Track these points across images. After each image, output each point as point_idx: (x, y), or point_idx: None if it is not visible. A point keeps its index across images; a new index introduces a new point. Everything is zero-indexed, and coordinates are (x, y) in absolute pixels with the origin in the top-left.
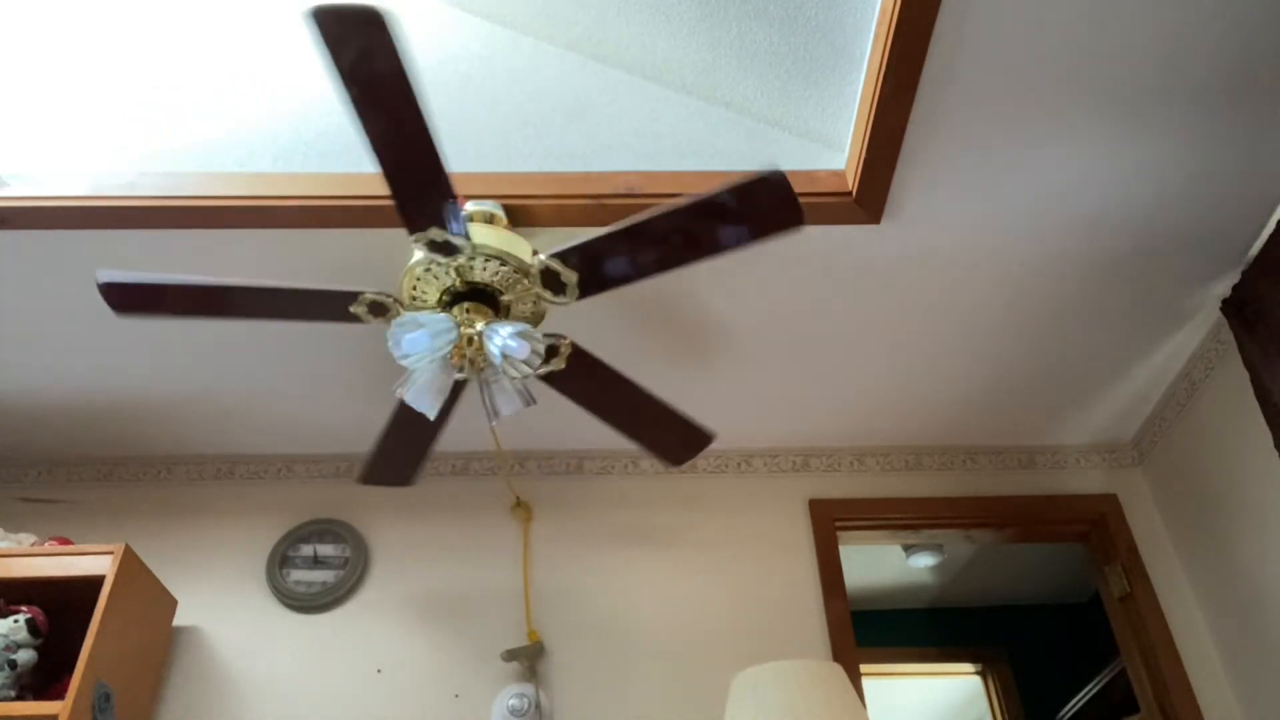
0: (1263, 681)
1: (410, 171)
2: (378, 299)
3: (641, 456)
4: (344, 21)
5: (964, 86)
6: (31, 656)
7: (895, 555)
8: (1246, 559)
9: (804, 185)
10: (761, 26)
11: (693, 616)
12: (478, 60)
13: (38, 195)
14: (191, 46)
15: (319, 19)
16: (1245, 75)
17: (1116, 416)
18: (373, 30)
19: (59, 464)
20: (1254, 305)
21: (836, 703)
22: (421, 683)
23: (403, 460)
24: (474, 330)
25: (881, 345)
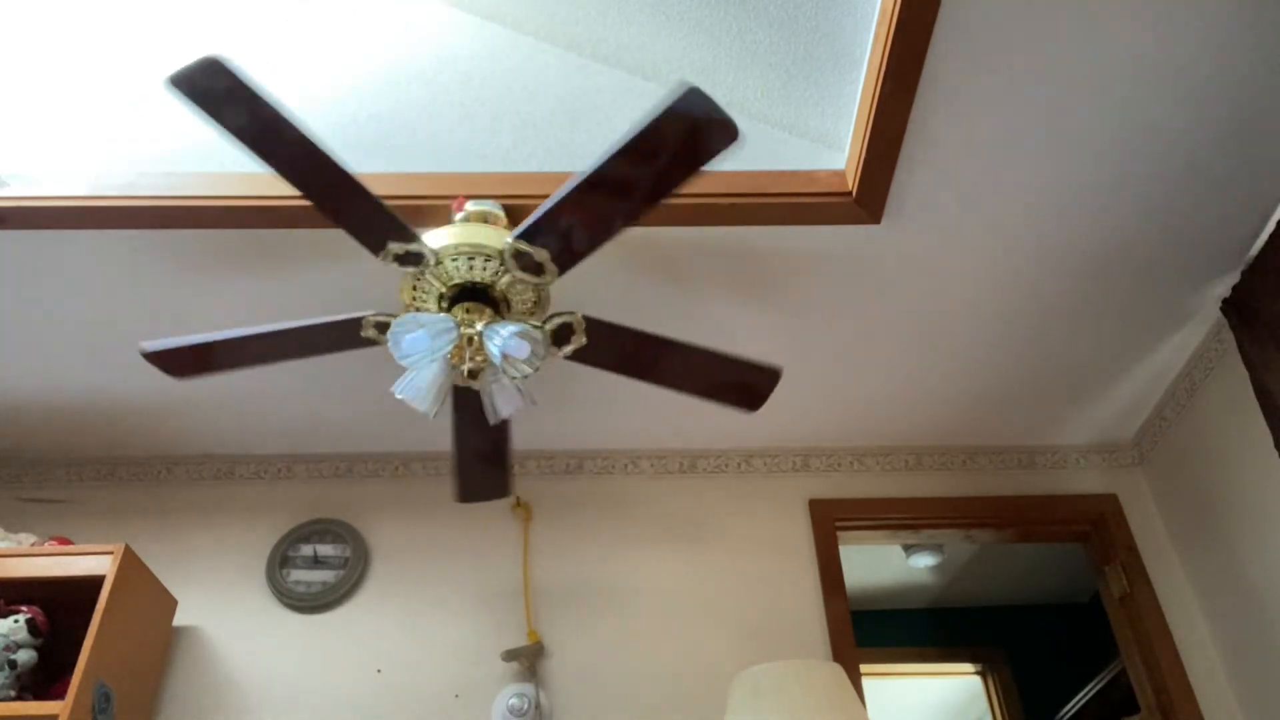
0: (1263, 681)
1: (336, 198)
2: (380, 320)
3: (641, 456)
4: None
5: (964, 86)
6: (31, 656)
7: (895, 555)
8: (1246, 559)
9: (804, 185)
10: (761, 26)
11: (693, 616)
12: (478, 60)
13: (38, 195)
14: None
15: (176, 85)
16: (1244, 73)
17: (1116, 416)
18: (218, 77)
19: (59, 464)
20: (1254, 305)
21: (836, 703)
22: (421, 683)
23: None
24: (474, 330)
25: (881, 345)
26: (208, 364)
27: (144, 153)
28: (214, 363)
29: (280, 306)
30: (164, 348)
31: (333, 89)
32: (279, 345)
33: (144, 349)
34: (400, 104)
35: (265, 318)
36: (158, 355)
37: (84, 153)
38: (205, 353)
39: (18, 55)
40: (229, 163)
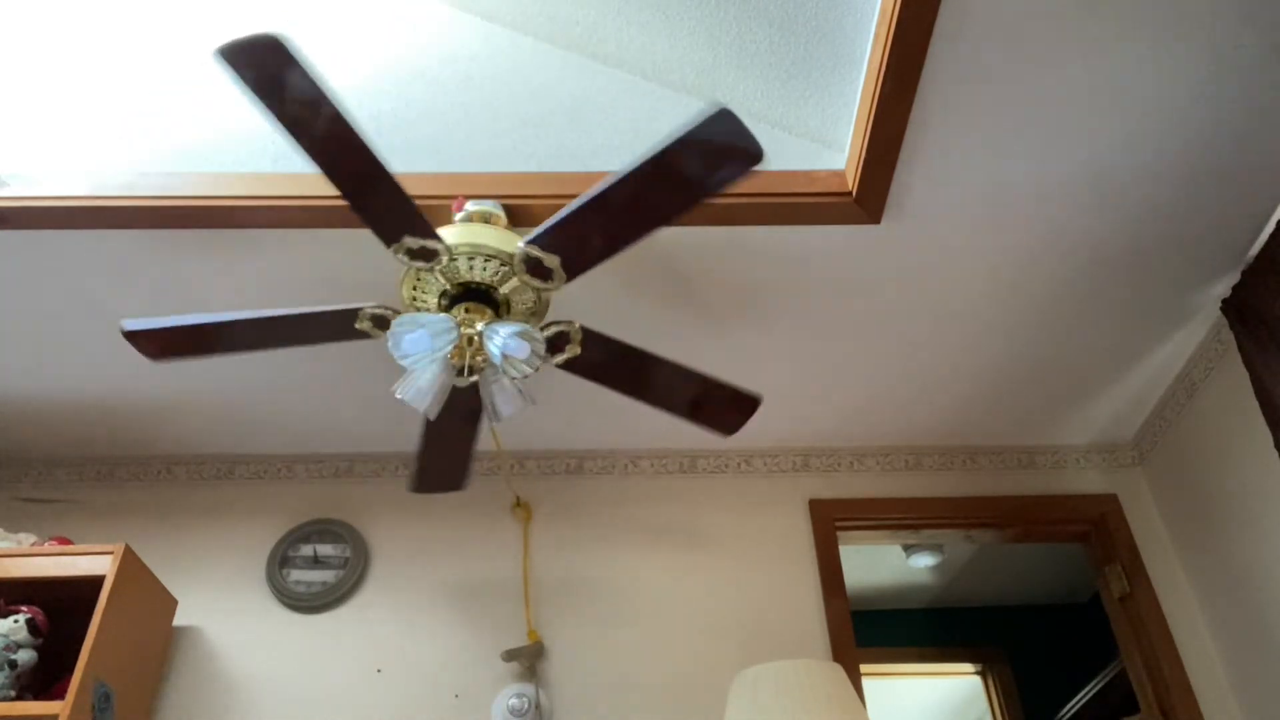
0: (1263, 681)
1: (363, 187)
2: (378, 312)
3: (641, 456)
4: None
5: (963, 87)
6: (31, 656)
7: (895, 555)
8: (1246, 559)
9: (804, 185)
10: (761, 26)
11: (693, 616)
12: (478, 60)
13: (38, 195)
14: (191, 47)
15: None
16: (1246, 74)
17: (1116, 416)
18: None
19: (59, 464)
20: (1254, 305)
21: (836, 703)
22: (421, 683)
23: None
24: (474, 330)
25: (882, 345)
26: (190, 347)
27: (144, 153)
28: (197, 346)
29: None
30: (145, 328)
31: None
32: (268, 332)
33: (124, 327)
34: (400, 104)
35: None
36: (137, 335)
37: (84, 153)
38: (188, 335)
39: (18, 55)
40: (229, 163)
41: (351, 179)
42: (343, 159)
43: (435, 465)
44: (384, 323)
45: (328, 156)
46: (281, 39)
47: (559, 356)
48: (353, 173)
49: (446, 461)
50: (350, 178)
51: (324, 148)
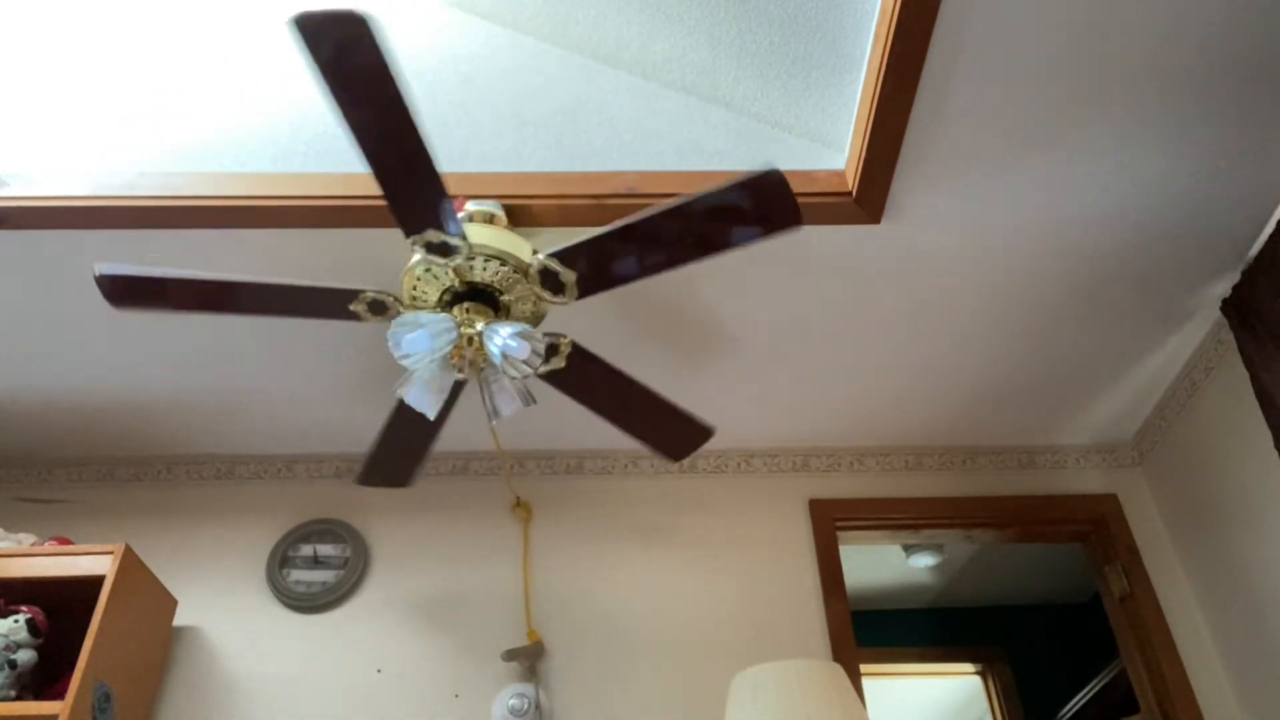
0: (1263, 681)
1: (403, 174)
2: (378, 298)
3: (641, 456)
4: (326, 26)
5: (964, 87)
6: (31, 656)
7: (895, 555)
8: (1246, 559)
9: (804, 185)
10: (761, 26)
11: (693, 616)
12: (478, 60)
13: (38, 195)
14: (191, 47)
15: (302, 26)
16: (1245, 76)
17: (1116, 416)
18: (355, 31)
19: (59, 464)
20: (1254, 305)
21: (836, 703)
22: (421, 683)
23: (401, 461)
24: (474, 330)
25: (881, 345)
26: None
27: (144, 153)
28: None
29: None
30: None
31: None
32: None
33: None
34: None
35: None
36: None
37: (84, 153)
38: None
39: (18, 55)
40: (229, 163)
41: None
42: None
43: (387, 460)
44: (380, 308)
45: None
46: (364, 15)
47: (543, 368)
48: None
49: (400, 458)
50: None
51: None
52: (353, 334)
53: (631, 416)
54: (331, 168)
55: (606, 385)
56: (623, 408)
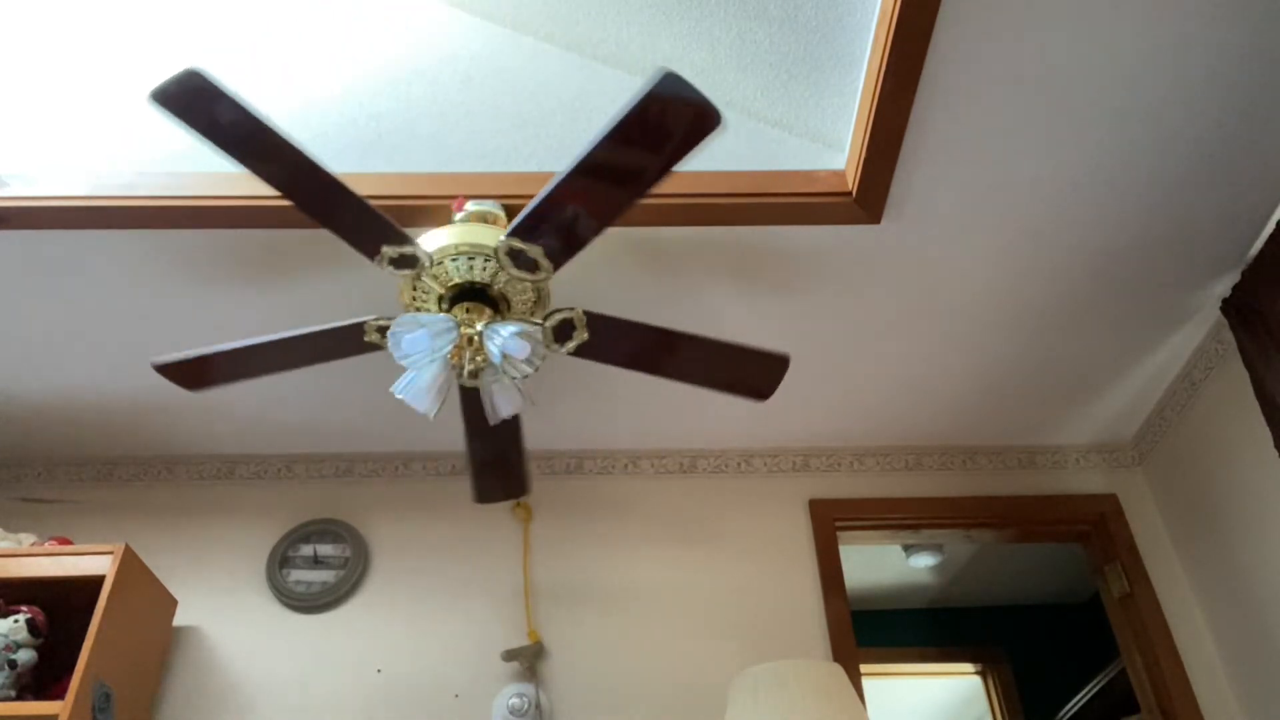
0: (1263, 681)
1: (330, 207)
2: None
3: (641, 456)
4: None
5: (964, 86)
6: (31, 656)
7: (895, 555)
8: (1246, 559)
9: (804, 185)
10: (761, 26)
11: (693, 616)
12: (478, 60)
13: (38, 195)
14: (191, 47)
15: (160, 103)
16: (1244, 76)
17: (1116, 416)
18: (207, 91)
19: (59, 464)
20: (1254, 305)
21: (836, 703)
22: (421, 683)
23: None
24: (474, 330)
25: (881, 345)
26: (216, 375)
27: (144, 153)
28: (221, 374)
29: (279, 305)
30: (173, 361)
31: (333, 89)
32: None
33: (155, 363)
34: (400, 104)
35: (265, 316)
36: (169, 368)
37: (84, 153)
38: (212, 364)
39: (18, 55)
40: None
41: (313, 199)
42: (299, 182)
43: (488, 473)
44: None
45: (284, 181)
46: (202, 72)
47: (569, 345)
48: (312, 193)
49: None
50: (311, 198)
51: (278, 173)
52: None
53: (689, 369)
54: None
55: (646, 342)
56: (675, 362)
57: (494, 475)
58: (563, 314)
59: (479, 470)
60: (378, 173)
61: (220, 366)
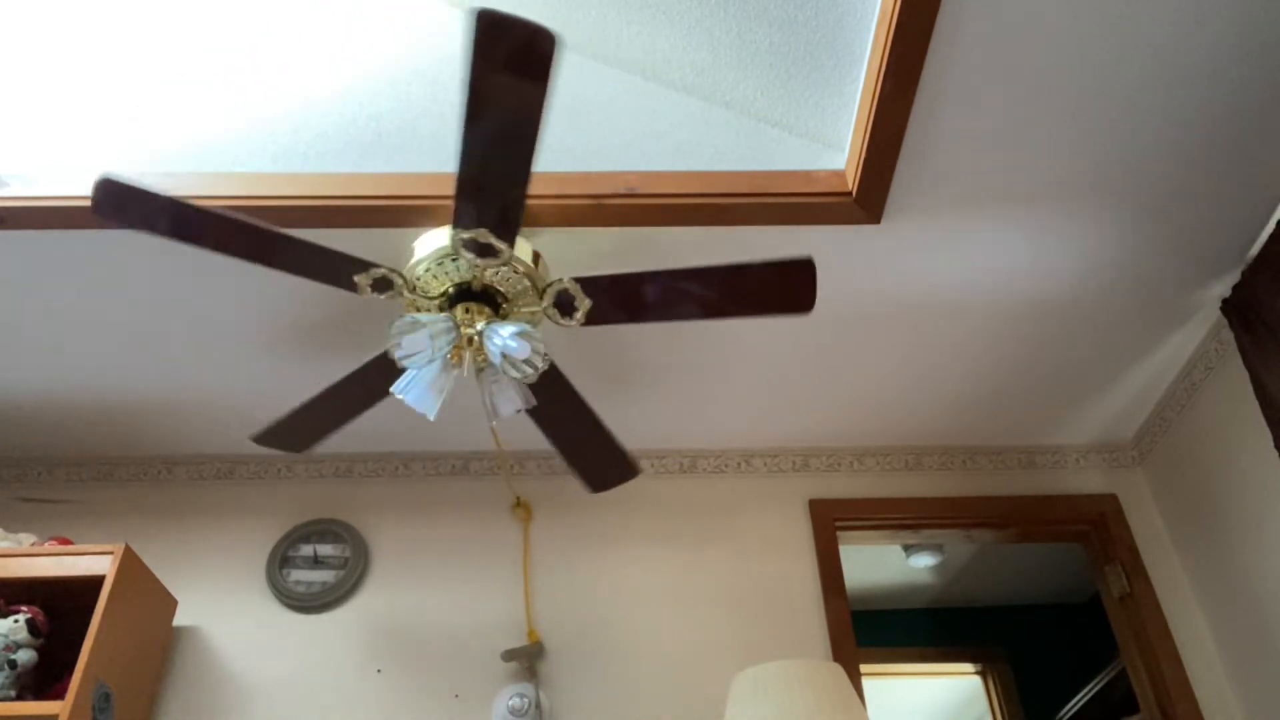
0: (1263, 681)
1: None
2: (388, 275)
3: (641, 456)
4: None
5: (963, 86)
6: (31, 656)
7: (895, 555)
8: (1246, 559)
9: (804, 185)
10: (761, 26)
11: (693, 616)
12: None
13: (38, 195)
14: (191, 47)
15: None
16: (1244, 75)
17: (1116, 416)
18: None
19: (59, 464)
20: (1254, 305)
21: (836, 703)
22: (421, 683)
23: (309, 430)
24: (474, 330)
25: (881, 345)
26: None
27: (144, 152)
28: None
29: (280, 305)
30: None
31: (333, 89)
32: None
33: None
34: (400, 104)
35: (266, 316)
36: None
37: (84, 153)
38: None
39: (18, 55)
40: (229, 162)
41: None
42: (250, 244)
43: (298, 425)
44: (384, 285)
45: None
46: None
47: (576, 315)
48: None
49: (311, 425)
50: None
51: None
52: (352, 333)
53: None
54: (331, 168)
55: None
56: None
57: (595, 460)
58: (554, 287)
59: (575, 459)
60: (378, 173)
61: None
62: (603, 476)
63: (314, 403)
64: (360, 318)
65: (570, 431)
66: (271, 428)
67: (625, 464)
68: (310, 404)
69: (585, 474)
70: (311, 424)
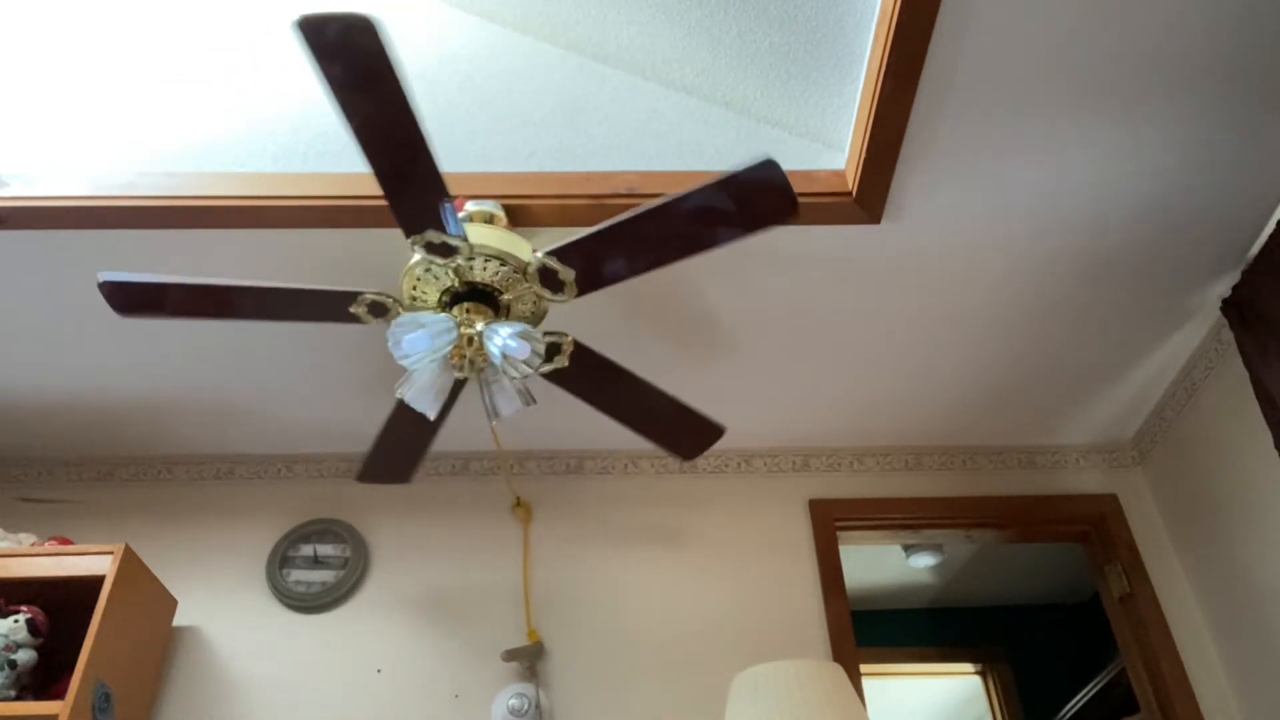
0: (1263, 681)
1: (405, 175)
2: (378, 299)
3: (641, 456)
4: (330, 26)
5: (963, 86)
6: (31, 656)
7: (895, 555)
8: (1246, 559)
9: (804, 185)
10: (761, 26)
11: (693, 616)
12: (478, 60)
13: (38, 195)
14: (191, 47)
15: (306, 27)
16: (1244, 74)
17: (1116, 416)
18: (361, 33)
19: (59, 464)
20: (1254, 305)
21: (836, 703)
22: (421, 683)
23: (402, 458)
24: (474, 330)
25: (881, 345)
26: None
27: (144, 153)
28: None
29: None
30: (123, 279)
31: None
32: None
33: (101, 278)
34: None
35: None
36: (112, 285)
37: (84, 153)
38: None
39: (18, 55)
40: (229, 162)
41: (394, 161)
42: (392, 139)
43: (388, 456)
44: (380, 309)
45: (378, 136)
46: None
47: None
48: (397, 155)
49: (401, 455)
50: (393, 160)
51: (378, 128)
52: (352, 333)
53: (639, 415)
54: (331, 168)
55: (612, 384)
56: (630, 406)
57: (389, 460)
58: (552, 337)
59: (381, 452)
60: None
61: (178, 299)
62: (690, 443)
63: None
64: None
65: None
66: (370, 462)
67: (705, 426)
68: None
69: (671, 445)
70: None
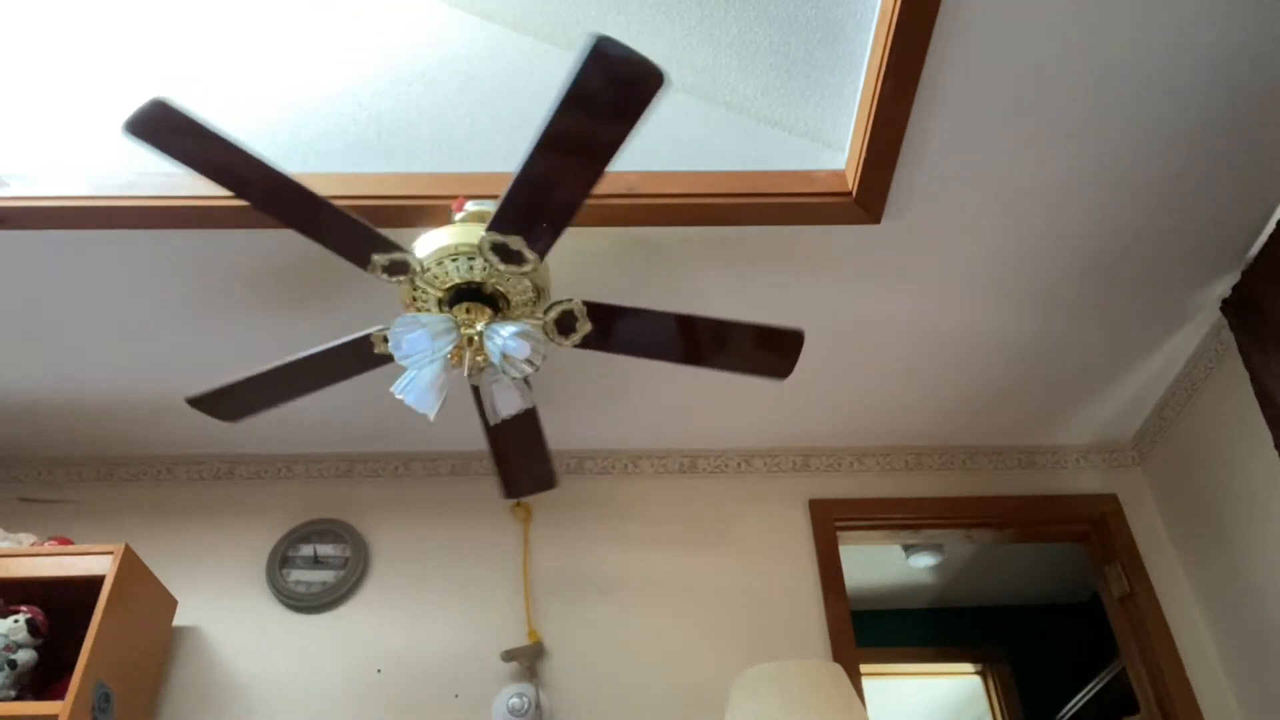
0: (1263, 681)
1: (316, 221)
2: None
3: (641, 456)
4: (148, 125)
5: (964, 86)
6: (31, 656)
7: (895, 555)
8: (1246, 559)
9: (804, 185)
10: (761, 26)
11: (693, 616)
12: (478, 60)
13: (38, 195)
14: (191, 47)
15: (134, 133)
16: (1244, 74)
17: (1116, 416)
18: (174, 117)
19: (59, 464)
20: (1254, 305)
21: (836, 703)
22: (421, 683)
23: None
24: (474, 330)
25: (881, 345)
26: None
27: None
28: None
29: (280, 306)
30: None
31: (333, 89)
32: (306, 376)
33: (189, 398)
34: (400, 104)
35: (263, 313)
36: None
37: (84, 153)
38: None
39: (18, 55)
40: None
41: (296, 215)
42: (280, 199)
43: (515, 466)
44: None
45: (266, 200)
46: (168, 101)
47: (573, 337)
48: (294, 209)
49: (524, 459)
50: (295, 214)
51: (258, 194)
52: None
53: (702, 352)
54: (331, 168)
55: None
56: (686, 346)
57: (522, 467)
58: (561, 306)
59: (504, 463)
60: (378, 173)
61: (249, 395)
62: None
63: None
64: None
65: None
66: (212, 393)
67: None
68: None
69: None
70: (254, 396)
